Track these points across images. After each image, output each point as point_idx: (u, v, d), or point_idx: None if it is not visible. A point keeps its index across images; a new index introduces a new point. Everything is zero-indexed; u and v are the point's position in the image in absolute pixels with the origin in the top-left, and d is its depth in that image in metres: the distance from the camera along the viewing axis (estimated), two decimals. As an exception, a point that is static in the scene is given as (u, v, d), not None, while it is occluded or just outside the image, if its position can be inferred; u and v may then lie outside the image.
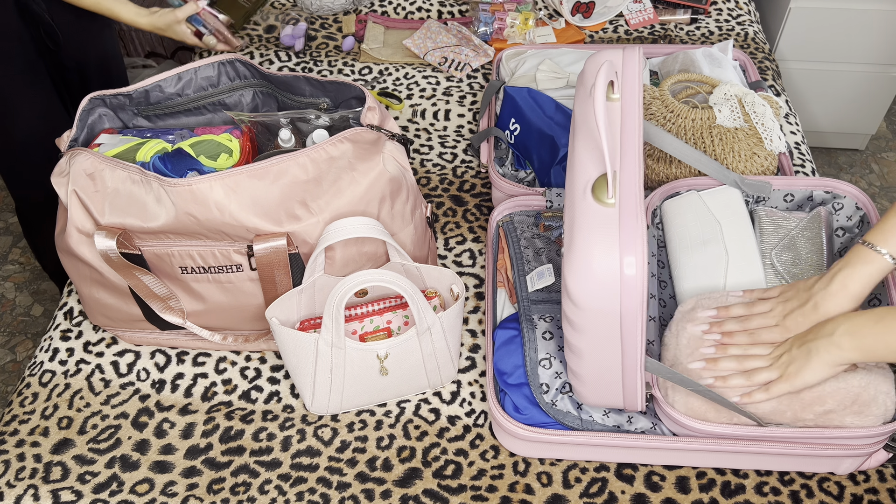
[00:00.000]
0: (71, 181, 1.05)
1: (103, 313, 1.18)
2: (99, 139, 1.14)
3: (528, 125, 1.38)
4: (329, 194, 1.04)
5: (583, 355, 0.94)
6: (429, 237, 1.24)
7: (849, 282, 0.94)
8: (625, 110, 0.94)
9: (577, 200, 0.89)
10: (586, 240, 0.85)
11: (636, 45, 0.97)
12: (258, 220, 1.02)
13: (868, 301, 1.08)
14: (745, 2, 1.92)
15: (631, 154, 0.91)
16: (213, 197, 1.01)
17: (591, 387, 1.00)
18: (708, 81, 1.37)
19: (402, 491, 1.07)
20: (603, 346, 0.91)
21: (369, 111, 1.12)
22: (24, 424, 1.15)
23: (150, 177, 1.02)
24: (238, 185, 1.02)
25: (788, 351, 0.96)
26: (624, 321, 0.87)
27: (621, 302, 0.85)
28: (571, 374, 1.00)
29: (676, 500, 1.05)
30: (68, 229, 1.07)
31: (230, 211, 1.01)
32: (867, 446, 1.00)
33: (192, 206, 1.01)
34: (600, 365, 0.95)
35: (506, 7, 1.81)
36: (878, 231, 0.95)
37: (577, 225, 0.87)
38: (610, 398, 1.01)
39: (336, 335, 1.02)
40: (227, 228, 1.03)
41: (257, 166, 1.02)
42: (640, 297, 0.84)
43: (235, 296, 1.12)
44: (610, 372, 0.95)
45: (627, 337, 0.89)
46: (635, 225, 0.85)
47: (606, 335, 0.89)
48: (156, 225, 1.03)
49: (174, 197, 1.01)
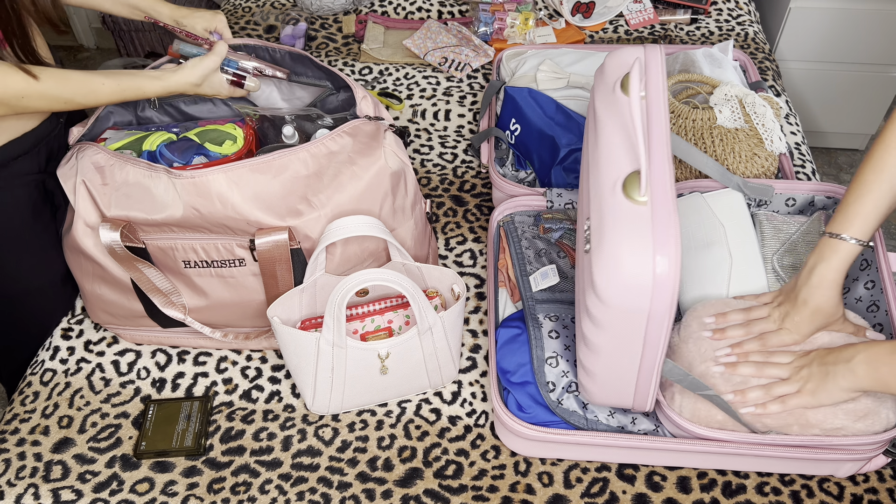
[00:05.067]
0: (79, 173, 1.06)
1: (105, 310, 1.18)
2: (105, 134, 1.15)
3: (529, 125, 1.38)
4: (330, 189, 1.05)
5: (600, 352, 0.93)
6: (429, 234, 1.24)
7: (826, 273, 0.99)
8: (651, 108, 0.93)
9: (606, 197, 0.87)
10: (617, 237, 0.84)
11: (657, 45, 0.97)
12: (260, 214, 1.02)
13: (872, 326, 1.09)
14: (745, 2, 1.92)
15: (660, 152, 0.89)
16: (216, 189, 1.01)
17: (601, 385, 0.99)
18: (708, 82, 1.37)
19: (402, 491, 1.07)
20: (623, 345, 0.90)
21: (363, 101, 1.13)
22: (25, 423, 1.15)
23: (159, 168, 1.03)
24: (240, 178, 1.02)
25: (809, 366, 0.97)
26: (651, 321, 0.86)
27: (651, 302, 0.84)
28: (583, 371, 0.99)
29: (677, 500, 1.05)
30: (75, 223, 1.07)
31: (232, 204, 1.01)
32: (867, 452, 1.01)
33: (195, 200, 1.02)
34: (617, 363, 0.94)
35: (506, 7, 1.81)
36: (840, 220, 1.00)
37: (608, 222, 0.85)
38: (620, 397, 1.00)
39: (337, 335, 1.02)
40: (230, 222, 1.03)
41: (259, 160, 1.03)
42: (670, 297, 0.83)
43: (238, 291, 1.12)
44: (626, 371, 0.94)
45: (651, 337, 0.88)
46: (668, 224, 0.83)
47: (629, 334, 0.88)
48: (161, 217, 1.04)
49: (180, 189, 1.01)
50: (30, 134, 1.17)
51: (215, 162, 1.09)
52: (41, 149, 1.20)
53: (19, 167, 1.18)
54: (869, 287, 1.09)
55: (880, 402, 0.96)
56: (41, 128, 1.19)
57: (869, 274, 1.09)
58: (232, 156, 1.12)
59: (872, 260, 1.09)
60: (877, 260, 1.08)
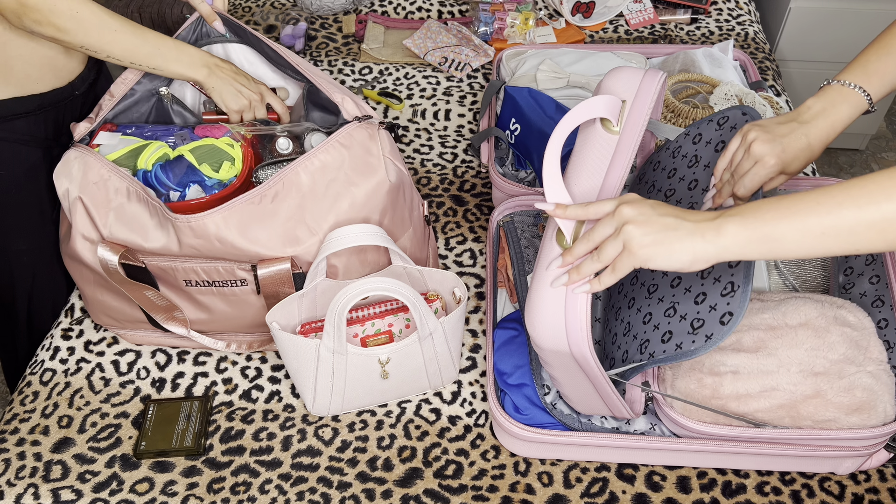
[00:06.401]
0: (78, 188, 1.05)
1: (107, 313, 1.18)
2: (98, 138, 1.13)
3: (529, 125, 1.38)
4: (330, 214, 1.04)
5: (559, 381, 0.97)
6: (428, 236, 1.24)
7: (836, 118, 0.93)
8: (619, 148, 0.92)
9: (547, 240, 0.90)
10: (540, 283, 0.86)
11: (659, 71, 0.96)
12: (260, 248, 1.02)
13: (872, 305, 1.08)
14: (745, 2, 1.92)
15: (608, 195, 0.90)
16: (213, 231, 1.01)
17: (577, 402, 1.02)
18: (708, 81, 1.37)
19: (402, 491, 1.07)
20: (571, 376, 0.93)
21: (344, 102, 1.11)
22: (25, 423, 1.15)
23: (156, 202, 1.02)
24: (238, 217, 1.01)
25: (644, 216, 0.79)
26: (578, 360, 0.88)
27: (570, 347, 0.86)
28: (559, 389, 1.02)
29: (677, 500, 1.05)
30: (73, 235, 1.07)
31: (231, 242, 1.01)
32: (868, 447, 1.00)
33: (193, 241, 1.01)
34: (576, 388, 0.97)
35: (506, 7, 1.81)
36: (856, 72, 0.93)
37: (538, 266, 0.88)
38: (598, 410, 1.03)
39: (338, 342, 1.02)
40: (230, 256, 1.03)
41: (255, 194, 1.02)
42: (584, 344, 0.85)
43: (240, 307, 1.12)
44: (587, 393, 0.97)
45: (589, 372, 0.91)
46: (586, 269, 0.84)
47: (570, 367, 0.91)
48: (157, 246, 1.03)
49: (177, 230, 1.01)
50: (35, 97, 1.19)
51: (213, 198, 1.07)
52: (48, 115, 1.22)
53: (21, 126, 1.19)
54: (874, 282, 1.08)
55: (875, 396, 0.96)
56: (50, 95, 1.21)
57: (874, 269, 1.09)
58: (233, 182, 1.09)
59: (878, 255, 1.09)
60: (882, 254, 1.08)
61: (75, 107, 1.27)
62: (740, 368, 0.97)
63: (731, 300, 0.86)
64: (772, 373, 0.96)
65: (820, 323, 0.98)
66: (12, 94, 1.16)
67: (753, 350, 0.98)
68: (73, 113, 1.26)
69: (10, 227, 1.28)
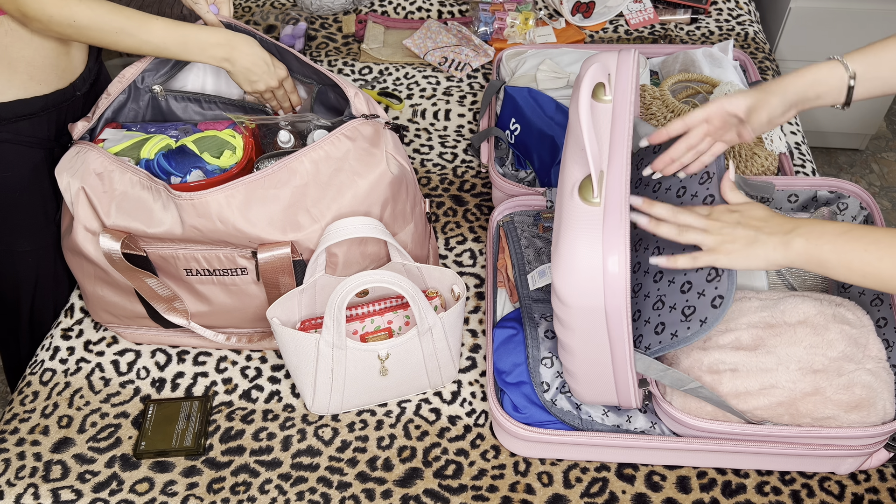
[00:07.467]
0: (80, 179, 1.05)
1: (106, 310, 1.18)
2: (103, 133, 1.14)
3: (529, 125, 1.38)
4: (331, 200, 1.04)
5: (574, 352, 0.95)
6: (429, 234, 1.24)
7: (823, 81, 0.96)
8: (616, 112, 0.95)
9: (565, 200, 0.90)
10: (571, 238, 0.87)
11: (632, 45, 0.98)
12: (261, 231, 1.02)
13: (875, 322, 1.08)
14: (745, 2, 1.92)
15: (619, 155, 0.91)
16: (215, 210, 1.01)
17: (585, 384, 1.00)
18: (708, 81, 1.37)
19: (402, 491, 1.07)
20: (592, 343, 0.92)
21: (356, 98, 1.12)
22: (25, 423, 1.15)
23: (159, 184, 1.03)
24: (240, 197, 1.01)
25: (735, 227, 0.90)
26: (610, 319, 0.88)
27: (605, 300, 0.86)
28: (566, 372, 1.00)
29: (677, 500, 1.05)
30: (74, 227, 1.07)
31: (233, 223, 1.01)
32: (868, 446, 1.00)
33: (195, 220, 1.01)
34: (591, 361, 0.95)
35: (506, 7, 1.81)
36: (855, 53, 0.97)
37: (564, 224, 0.88)
38: (604, 395, 1.01)
39: (337, 336, 1.02)
40: (232, 238, 1.03)
41: (258, 176, 1.02)
42: (622, 295, 0.85)
43: (240, 298, 1.12)
44: (601, 367, 0.96)
45: (614, 334, 0.90)
46: (618, 224, 0.86)
47: (593, 332, 0.90)
48: (160, 231, 1.03)
49: (179, 209, 1.01)
50: (39, 98, 1.19)
51: (214, 179, 1.07)
52: (50, 116, 1.22)
53: (25, 128, 1.20)
54: None
55: (875, 393, 0.96)
56: (53, 96, 1.21)
57: None
58: (232, 168, 1.10)
59: None
60: None
61: (77, 107, 1.27)
62: (739, 366, 0.97)
63: (718, 284, 0.90)
64: (771, 370, 0.96)
65: (819, 321, 0.98)
66: (16, 96, 1.17)
67: (752, 348, 0.98)
68: (74, 114, 1.26)
69: (15, 228, 1.29)
